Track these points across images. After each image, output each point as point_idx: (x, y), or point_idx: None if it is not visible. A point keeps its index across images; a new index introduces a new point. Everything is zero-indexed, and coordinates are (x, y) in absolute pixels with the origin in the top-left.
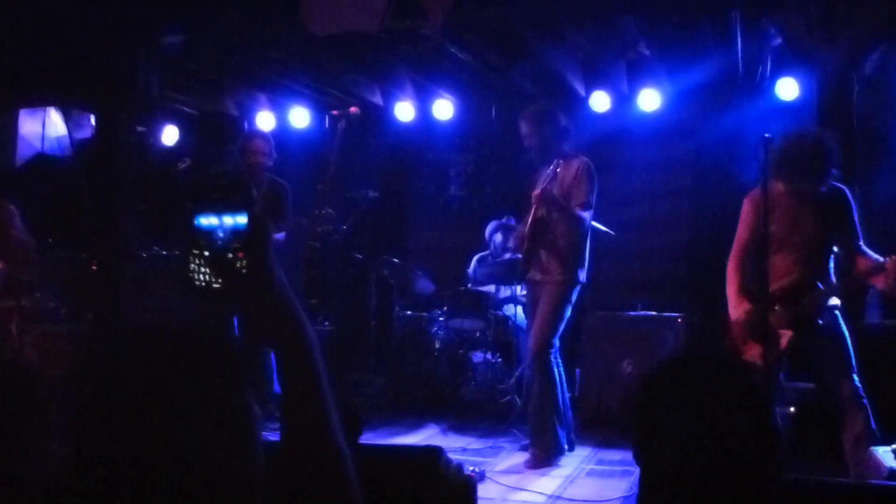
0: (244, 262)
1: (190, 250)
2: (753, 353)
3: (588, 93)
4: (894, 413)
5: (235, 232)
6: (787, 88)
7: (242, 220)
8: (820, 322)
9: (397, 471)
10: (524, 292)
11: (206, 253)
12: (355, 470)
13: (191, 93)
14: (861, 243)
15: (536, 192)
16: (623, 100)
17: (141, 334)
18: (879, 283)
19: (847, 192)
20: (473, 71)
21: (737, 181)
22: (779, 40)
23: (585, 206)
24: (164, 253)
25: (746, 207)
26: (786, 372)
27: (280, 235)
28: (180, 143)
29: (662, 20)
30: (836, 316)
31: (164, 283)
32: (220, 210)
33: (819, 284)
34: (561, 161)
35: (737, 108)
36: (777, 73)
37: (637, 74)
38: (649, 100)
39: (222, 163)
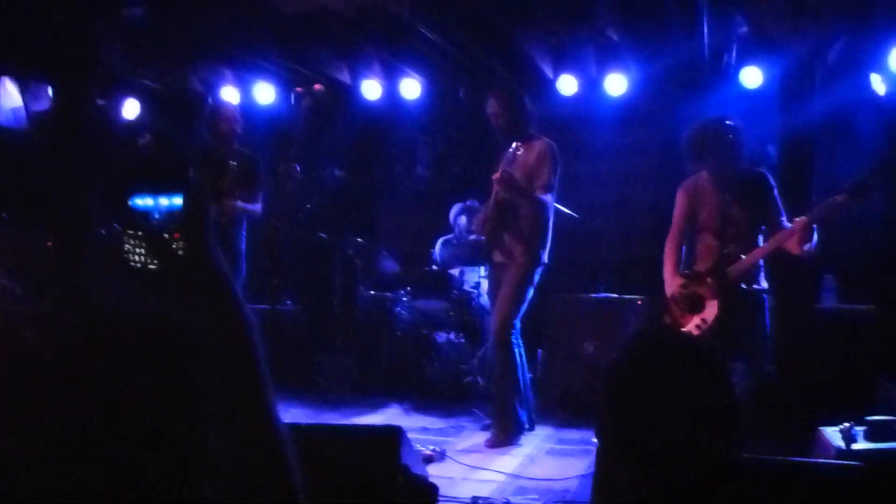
0: (180, 243)
1: (125, 231)
2: (689, 325)
3: (556, 76)
4: (844, 394)
5: (171, 213)
6: (752, 76)
7: (178, 200)
8: (743, 287)
9: (356, 451)
10: (486, 274)
11: (141, 234)
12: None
13: (153, 66)
14: (783, 219)
15: (496, 174)
16: (591, 84)
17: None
18: (793, 247)
19: (767, 174)
20: (442, 51)
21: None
22: (745, 28)
23: (547, 189)
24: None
25: (679, 196)
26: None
27: (255, 207)
28: (142, 118)
29: (631, 5)
30: (763, 297)
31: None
32: (155, 191)
33: (742, 256)
34: (521, 144)
35: (702, 94)
36: (742, 60)
37: (605, 59)
38: (616, 84)
39: (188, 139)
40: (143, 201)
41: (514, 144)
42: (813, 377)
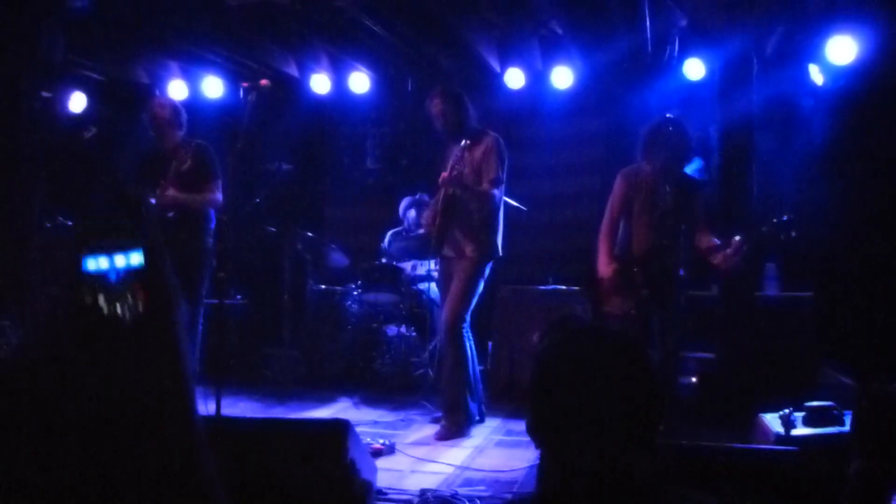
0: (144, 299)
1: (80, 292)
2: (614, 304)
3: (503, 69)
4: (785, 381)
5: (130, 271)
6: (693, 68)
7: (137, 258)
8: (667, 278)
9: (302, 444)
10: (437, 267)
11: (100, 295)
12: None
13: (99, 59)
14: (707, 224)
15: (444, 175)
16: (537, 77)
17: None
18: (717, 260)
19: (701, 182)
20: (389, 45)
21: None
22: (685, 21)
23: (496, 182)
24: (70, 223)
25: (618, 182)
26: (689, 344)
27: (214, 197)
28: (88, 111)
29: None
30: (682, 286)
31: (70, 254)
32: (110, 251)
33: (669, 249)
34: (468, 141)
35: (646, 86)
36: (684, 52)
37: (550, 52)
38: (562, 77)
39: (135, 134)
40: (96, 264)
41: (464, 142)
42: (755, 364)
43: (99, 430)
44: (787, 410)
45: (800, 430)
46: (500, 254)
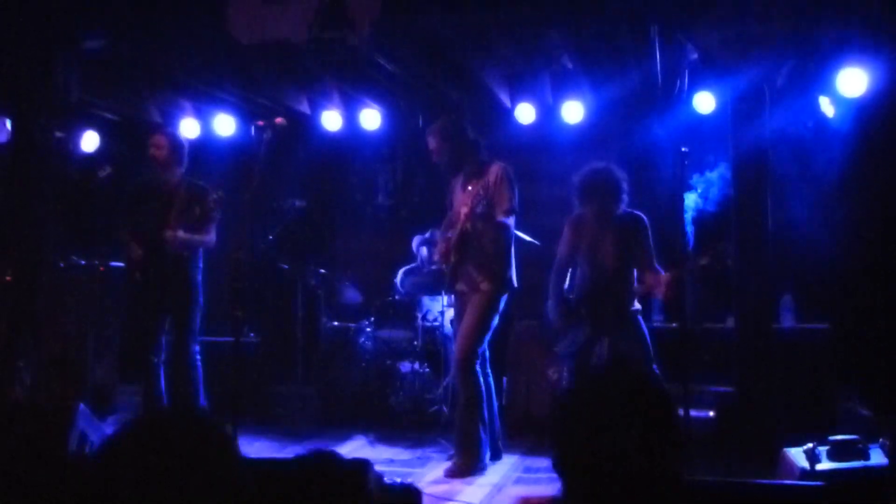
0: None
1: None
2: (562, 344)
3: (513, 104)
4: (805, 414)
5: None
6: (704, 101)
7: None
8: (617, 320)
9: (321, 483)
10: (451, 303)
11: None
12: None
13: (113, 98)
14: (653, 261)
15: (465, 213)
16: (547, 111)
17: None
18: (659, 294)
19: (643, 217)
20: (400, 81)
21: (656, 191)
22: (695, 55)
23: (509, 213)
24: (83, 262)
25: (565, 229)
26: (706, 377)
27: (209, 238)
28: (101, 150)
29: (585, 34)
30: (637, 318)
31: (82, 293)
32: None
33: (614, 288)
34: (475, 170)
35: (657, 119)
36: (694, 86)
37: (561, 87)
38: (573, 111)
39: (142, 171)
40: None
41: (473, 171)
42: (773, 397)
43: None
44: (811, 445)
45: (825, 465)
46: (516, 285)
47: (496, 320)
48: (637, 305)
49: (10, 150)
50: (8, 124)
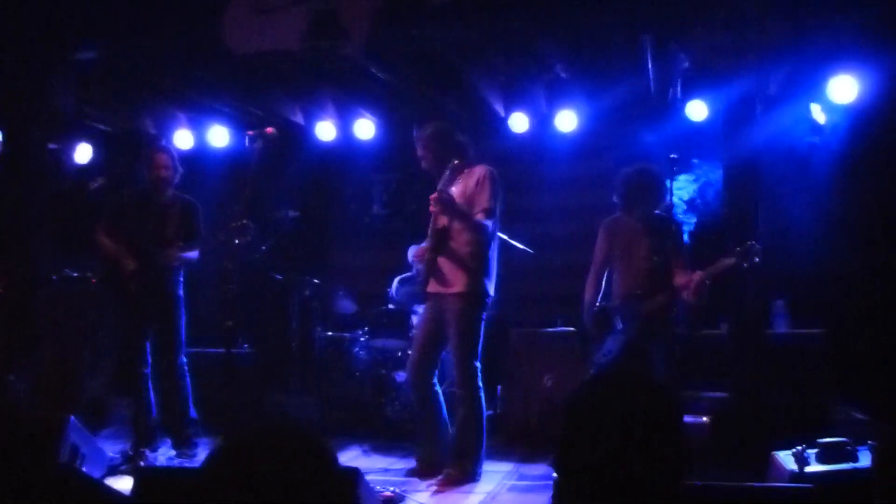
0: None
1: None
2: (601, 349)
3: (508, 113)
4: (797, 418)
5: None
6: (697, 110)
7: None
8: (651, 325)
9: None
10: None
11: None
12: None
13: (107, 110)
14: (684, 261)
15: (433, 194)
16: (541, 120)
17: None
18: (687, 297)
19: (675, 219)
20: (394, 91)
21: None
22: (687, 64)
23: (488, 214)
24: (76, 275)
25: (600, 234)
26: (700, 383)
27: (193, 254)
28: (95, 162)
29: (578, 43)
30: (671, 324)
31: (75, 306)
32: None
33: (651, 293)
34: (456, 161)
35: (650, 128)
36: (687, 94)
37: (555, 96)
38: (567, 120)
39: (134, 182)
40: None
41: (454, 162)
42: (767, 402)
43: None
44: (800, 448)
45: (814, 467)
46: (491, 294)
47: (481, 327)
48: (674, 311)
49: (3, 162)
50: (1, 136)
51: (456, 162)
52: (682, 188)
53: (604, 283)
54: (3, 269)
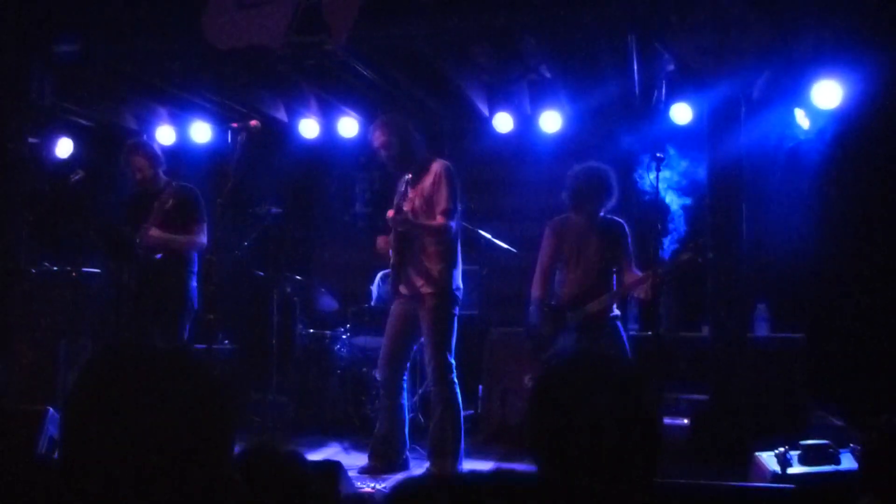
0: None
1: None
2: (550, 350)
3: (492, 113)
4: (777, 421)
5: None
6: (681, 113)
7: None
8: (597, 323)
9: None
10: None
11: None
12: None
13: (87, 104)
14: (632, 264)
15: (390, 213)
16: (525, 120)
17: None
18: (640, 293)
19: (624, 223)
20: (378, 89)
21: (631, 199)
22: (672, 66)
23: (448, 213)
24: (55, 268)
25: (546, 234)
26: (680, 385)
27: (202, 239)
28: (75, 156)
29: (562, 44)
30: (616, 323)
31: (54, 299)
32: None
33: (598, 293)
34: (411, 175)
35: (634, 130)
36: (672, 96)
37: (539, 96)
38: (551, 121)
39: (124, 177)
40: None
41: (407, 176)
42: (746, 405)
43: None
44: (782, 449)
45: (796, 469)
46: (460, 286)
47: (454, 324)
48: (616, 311)
49: None
50: None
51: (409, 176)
52: (668, 177)
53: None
54: None
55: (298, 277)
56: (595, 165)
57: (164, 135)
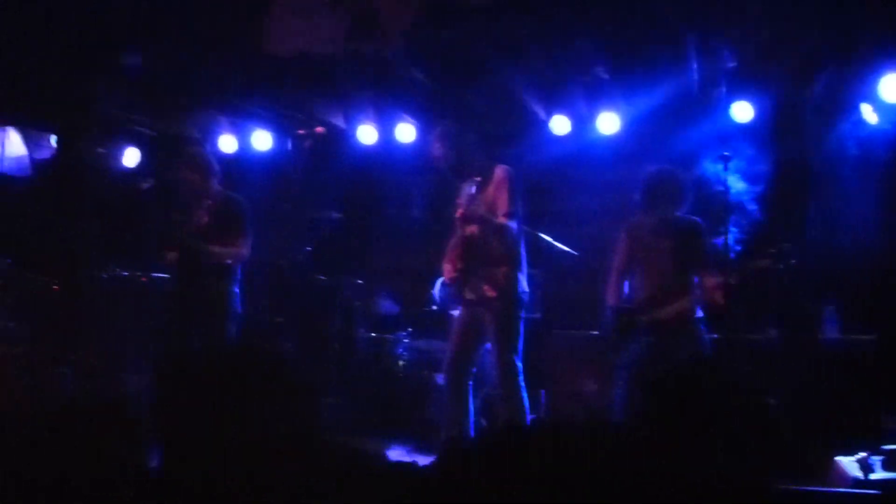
0: None
1: None
2: (623, 353)
3: (548, 115)
4: (847, 426)
5: None
6: (742, 110)
7: None
8: (674, 327)
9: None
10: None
11: None
12: None
13: (152, 115)
14: (709, 266)
15: (459, 213)
16: (582, 122)
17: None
18: (716, 300)
19: (699, 223)
20: (435, 94)
21: (693, 200)
22: (732, 63)
23: (511, 216)
24: (125, 273)
25: (621, 238)
26: None
27: (245, 251)
28: (142, 166)
29: (619, 44)
30: (698, 327)
31: (124, 303)
32: None
33: (675, 296)
34: (478, 178)
35: (694, 129)
36: (732, 95)
37: (595, 97)
38: (608, 122)
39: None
40: None
41: (473, 179)
42: (817, 408)
43: None
44: (864, 454)
45: (879, 474)
46: (526, 290)
47: (521, 327)
48: (699, 313)
49: (55, 166)
50: (53, 141)
51: (478, 178)
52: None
53: (625, 286)
54: (58, 268)
55: (359, 281)
56: (667, 167)
57: (226, 143)
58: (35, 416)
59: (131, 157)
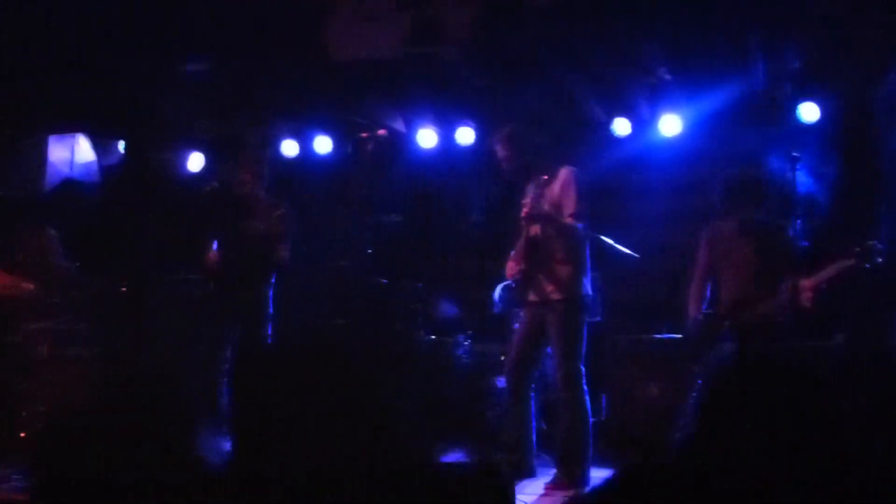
0: None
1: None
2: (704, 359)
3: (609, 118)
4: None
5: None
6: (809, 111)
7: None
8: (760, 332)
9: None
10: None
11: None
12: None
13: (214, 119)
14: (793, 264)
15: (524, 212)
16: (643, 124)
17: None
18: (804, 303)
19: (783, 225)
20: (494, 97)
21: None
22: (798, 63)
23: (577, 216)
24: (190, 277)
25: (702, 242)
26: None
27: (285, 256)
28: (206, 170)
29: (681, 44)
30: (783, 330)
31: (190, 307)
32: None
33: (759, 300)
34: (545, 177)
35: (759, 130)
36: (798, 95)
37: (657, 99)
38: (670, 125)
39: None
40: None
41: (538, 179)
42: (888, 423)
43: None
44: None
45: None
46: (590, 293)
47: (584, 331)
48: (786, 318)
49: (123, 172)
50: (121, 147)
51: (545, 177)
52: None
53: (708, 290)
54: (126, 271)
55: (419, 284)
56: (747, 168)
57: (288, 148)
58: (105, 417)
59: (195, 161)
